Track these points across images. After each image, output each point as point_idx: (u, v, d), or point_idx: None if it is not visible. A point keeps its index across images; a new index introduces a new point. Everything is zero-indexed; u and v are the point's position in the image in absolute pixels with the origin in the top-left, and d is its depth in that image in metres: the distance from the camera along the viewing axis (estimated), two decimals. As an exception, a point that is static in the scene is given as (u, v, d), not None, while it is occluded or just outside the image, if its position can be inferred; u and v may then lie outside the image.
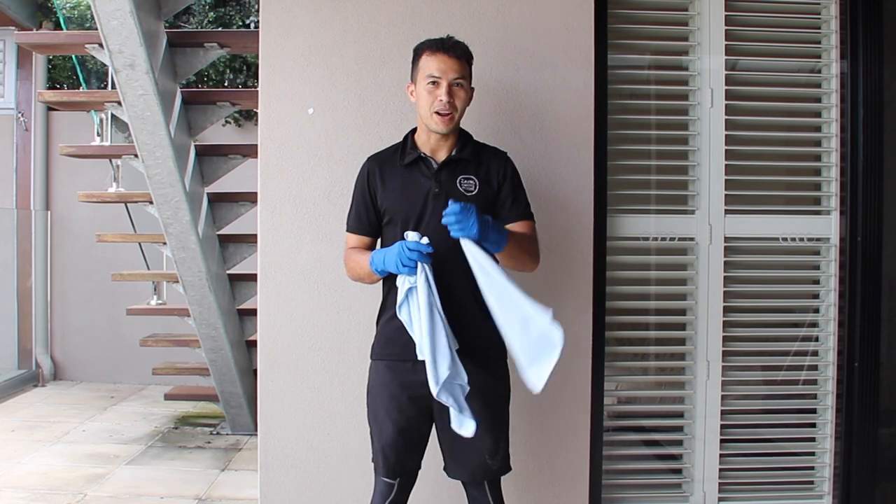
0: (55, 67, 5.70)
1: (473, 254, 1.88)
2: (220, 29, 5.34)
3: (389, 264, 1.91)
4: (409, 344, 1.92)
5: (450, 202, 1.85)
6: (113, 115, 3.97)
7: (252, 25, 5.38)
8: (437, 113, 1.98)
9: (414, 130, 2.11)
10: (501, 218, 2.07)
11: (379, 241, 2.12)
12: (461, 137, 2.09)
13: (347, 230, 2.12)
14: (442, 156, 2.05)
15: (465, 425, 1.91)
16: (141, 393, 5.27)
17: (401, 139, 2.13)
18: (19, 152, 5.48)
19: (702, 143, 2.69)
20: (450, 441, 2.03)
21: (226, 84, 5.49)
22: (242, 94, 4.14)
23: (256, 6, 5.29)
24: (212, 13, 5.46)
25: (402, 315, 1.94)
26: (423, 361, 1.96)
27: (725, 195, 2.70)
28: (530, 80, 2.52)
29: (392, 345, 2.02)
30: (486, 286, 1.88)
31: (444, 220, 1.85)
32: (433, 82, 1.98)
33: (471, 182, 2.03)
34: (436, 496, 2.42)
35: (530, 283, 2.25)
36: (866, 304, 2.66)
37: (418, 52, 2.05)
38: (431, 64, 1.99)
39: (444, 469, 2.08)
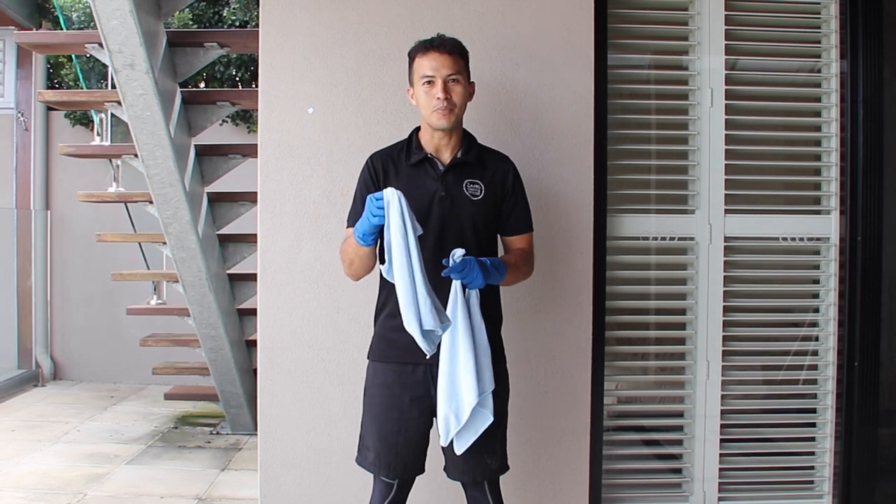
0: (55, 67, 5.69)
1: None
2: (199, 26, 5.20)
3: (363, 222, 1.87)
4: (411, 347, 1.91)
5: (451, 258, 1.84)
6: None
7: (238, 23, 5.20)
8: (436, 110, 1.98)
9: (418, 129, 2.11)
10: (504, 230, 2.10)
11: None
12: (465, 138, 2.09)
13: (349, 227, 2.08)
14: (447, 156, 2.05)
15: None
16: (141, 393, 5.27)
17: (401, 138, 2.13)
18: (19, 152, 5.48)
19: (701, 143, 2.69)
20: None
21: (217, 77, 5.38)
22: (242, 93, 4.15)
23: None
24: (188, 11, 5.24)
25: (385, 269, 1.88)
26: (425, 365, 1.97)
27: (725, 195, 2.70)
28: (530, 80, 2.52)
29: (393, 347, 2.01)
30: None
31: (446, 272, 1.84)
32: (428, 81, 1.99)
33: (476, 186, 2.04)
34: (435, 496, 2.42)
35: (531, 283, 2.26)
36: (866, 304, 2.66)
37: (411, 55, 2.05)
38: (424, 64, 2.00)
39: (444, 469, 2.08)
